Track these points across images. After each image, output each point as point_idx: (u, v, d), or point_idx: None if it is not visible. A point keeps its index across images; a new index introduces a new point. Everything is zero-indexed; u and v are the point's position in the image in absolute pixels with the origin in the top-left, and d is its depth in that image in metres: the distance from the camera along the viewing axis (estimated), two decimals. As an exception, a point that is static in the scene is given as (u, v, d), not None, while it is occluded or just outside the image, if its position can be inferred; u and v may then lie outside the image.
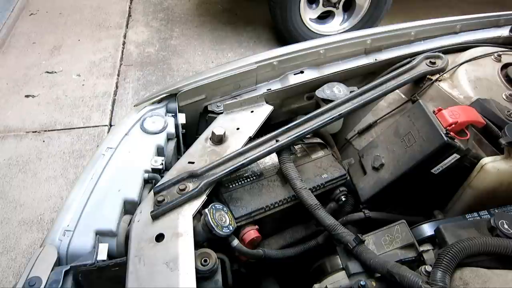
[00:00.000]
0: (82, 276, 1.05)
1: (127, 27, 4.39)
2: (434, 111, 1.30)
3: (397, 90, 1.60)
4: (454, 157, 1.23)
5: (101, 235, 1.14)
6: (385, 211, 1.36)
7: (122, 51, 4.11)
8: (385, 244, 1.14)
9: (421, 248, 1.12)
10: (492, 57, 1.61)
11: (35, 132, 3.26)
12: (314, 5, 3.83)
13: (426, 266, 1.03)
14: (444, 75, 1.57)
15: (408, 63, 1.66)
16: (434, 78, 1.57)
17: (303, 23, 3.79)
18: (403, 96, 1.64)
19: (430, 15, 2.01)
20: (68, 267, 1.03)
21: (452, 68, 1.58)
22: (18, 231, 2.62)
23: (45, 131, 3.27)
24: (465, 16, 1.89)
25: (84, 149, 3.14)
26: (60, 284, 0.99)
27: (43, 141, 3.18)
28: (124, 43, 4.20)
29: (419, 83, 1.60)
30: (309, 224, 1.41)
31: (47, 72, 3.80)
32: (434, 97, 1.54)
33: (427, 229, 1.17)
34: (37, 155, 3.08)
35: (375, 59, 1.78)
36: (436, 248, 1.12)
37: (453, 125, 1.24)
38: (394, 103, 1.64)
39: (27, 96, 3.56)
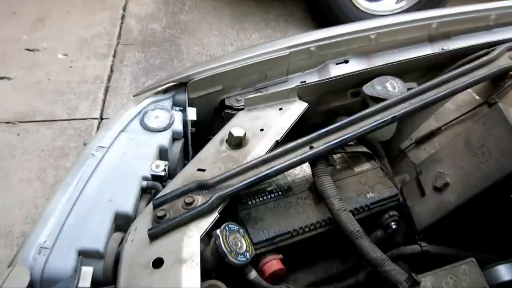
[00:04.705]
0: (60, 306, 1.06)
1: (127, -3, 4.48)
2: (518, 118, 1.28)
3: (469, 90, 1.57)
4: (544, 179, 1.20)
5: (85, 255, 1.15)
6: (448, 244, 1.34)
7: (120, 27, 4.17)
8: (447, 288, 1.12)
9: (495, 297, 1.10)
10: None
11: (8, 123, 3.33)
12: (364, -23, 3.82)
13: (501, 320, 1.00)
14: (533, 72, 1.54)
15: (485, 55, 1.62)
16: (519, 75, 1.54)
17: (350, -1, 3.78)
18: (477, 97, 1.61)
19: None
20: (43, 294, 1.05)
21: (544, 64, 1.55)
22: (-18, 244, 2.68)
23: (21, 122, 3.34)
24: None
25: (67, 146, 3.19)
26: (32, 315, 1.00)
27: (18, 135, 3.25)
28: (123, 17, 4.27)
29: (499, 82, 1.57)
30: (347, 256, 1.40)
31: (28, 49, 3.89)
32: (518, 100, 1.51)
33: (505, 271, 1.15)
34: (9, 151, 3.14)
35: (442, 49, 1.75)
36: (515, 297, 1.10)
37: (544, 138, 1.21)
38: (464, 105, 1.61)
39: (1, 78, 3.65)
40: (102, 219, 1.21)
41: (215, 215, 1.17)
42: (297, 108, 1.56)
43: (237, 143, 1.39)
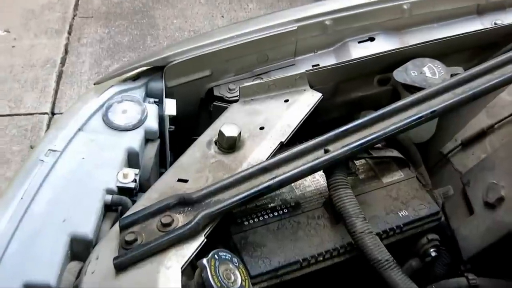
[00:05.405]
0: None
1: (87, -44, 4.48)
2: None
3: (530, 77, 1.58)
4: None
5: (32, 291, 1.14)
6: (503, 277, 1.33)
7: (78, -5, 4.18)
8: (502, 334, 1.12)
9: None
10: None
11: None
12: None
13: None
14: None
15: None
16: None
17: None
18: (541, 87, 1.61)
19: None
20: None
21: None
22: None
23: (-51, 118, 3.34)
24: None
25: (9, 150, 3.19)
26: None
27: None
28: (81, -18, 4.28)
29: None
30: (373, 292, 1.40)
31: (-43, 23, 3.89)
32: None
33: None
34: None
35: (495, 23, 1.76)
36: None
37: None
38: (525, 97, 1.61)
39: None
40: (54, 245, 1.20)
41: (200, 240, 1.17)
42: (308, 99, 1.56)
43: (229, 145, 1.39)
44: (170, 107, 1.55)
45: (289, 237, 1.29)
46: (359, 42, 1.71)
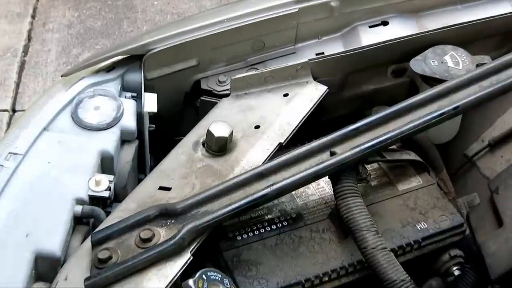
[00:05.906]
0: None
1: None
2: None
3: None
4: None
5: (-11, 318, 1.14)
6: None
7: (43, -27, 4.17)
8: None
9: None
10: None
11: None
12: None
13: None
14: None
15: None
16: None
17: None
18: None
19: None
20: None
21: None
22: None
23: None
24: None
25: (-38, 152, 3.18)
26: None
27: None
28: (46, -43, 4.27)
29: None
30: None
31: None
32: None
33: None
34: None
35: (527, 5, 1.76)
36: None
37: None
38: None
39: None
40: (16, 263, 1.19)
41: (186, 257, 1.16)
42: (311, 93, 1.56)
43: (219, 147, 1.39)
44: (150, 102, 1.54)
45: (289, 254, 1.29)
46: (370, 27, 1.70)
